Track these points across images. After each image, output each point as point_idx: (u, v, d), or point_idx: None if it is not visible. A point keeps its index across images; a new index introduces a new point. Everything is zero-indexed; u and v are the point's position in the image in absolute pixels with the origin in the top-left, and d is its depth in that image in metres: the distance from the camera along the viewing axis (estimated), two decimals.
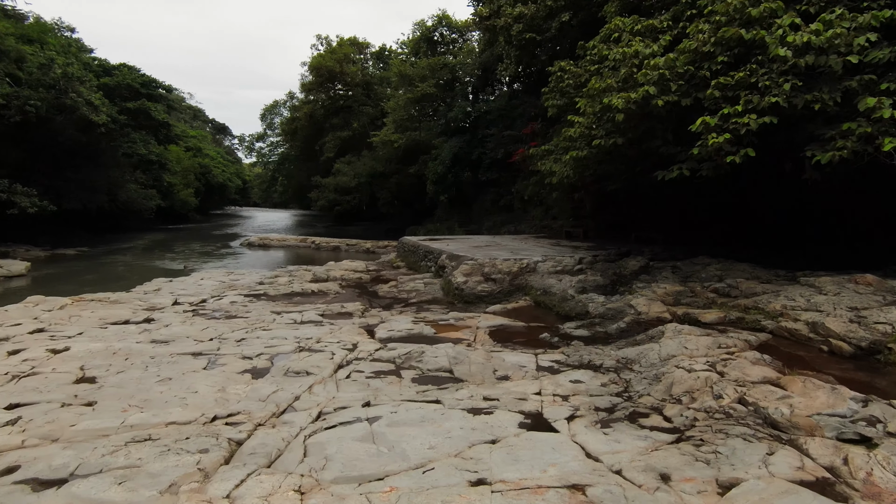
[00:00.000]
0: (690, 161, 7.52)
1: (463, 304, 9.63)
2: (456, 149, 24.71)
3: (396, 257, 17.30)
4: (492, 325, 7.45)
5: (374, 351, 5.68)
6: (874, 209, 8.93)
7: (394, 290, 11.36)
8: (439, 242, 15.01)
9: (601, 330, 6.88)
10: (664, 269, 9.25)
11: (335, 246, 23.54)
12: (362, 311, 8.86)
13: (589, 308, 7.71)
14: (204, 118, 67.63)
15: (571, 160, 9.88)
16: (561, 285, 9.15)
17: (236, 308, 8.87)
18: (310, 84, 35.58)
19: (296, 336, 6.33)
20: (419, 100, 26.43)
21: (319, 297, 10.58)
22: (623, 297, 8.04)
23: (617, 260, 11.02)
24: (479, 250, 12.63)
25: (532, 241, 16.41)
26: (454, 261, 11.43)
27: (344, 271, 14.12)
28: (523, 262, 10.56)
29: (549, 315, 8.33)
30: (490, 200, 24.88)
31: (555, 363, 5.40)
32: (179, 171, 37.67)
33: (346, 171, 31.44)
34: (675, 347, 4.92)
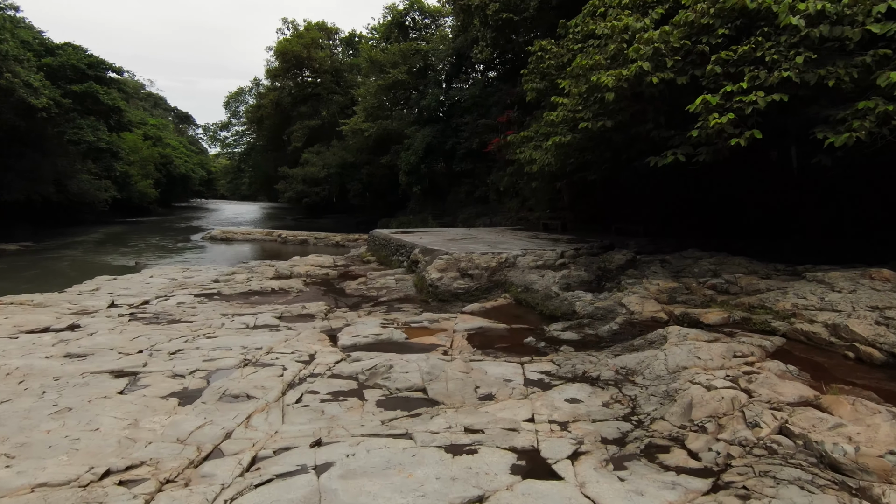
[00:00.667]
0: (685, 146, 6.88)
1: (438, 303, 8.84)
2: (429, 138, 23.82)
3: (367, 251, 16.36)
4: (470, 327, 6.68)
5: (335, 364, 4.83)
6: (875, 199, 8.49)
7: (362, 287, 10.49)
8: (412, 235, 14.16)
9: (591, 332, 6.19)
10: (652, 264, 8.65)
11: (303, 239, 22.43)
12: (326, 312, 7.98)
13: (576, 307, 7.02)
14: (166, 106, 64.54)
15: (553, 147, 9.15)
16: (543, 281, 8.45)
17: (182, 310, 7.86)
18: (275, 70, 33.92)
19: (244, 346, 5.42)
20: (391, 87, 25.37)
21: (280, 296, 9.63)
22: (612, 294, 7.38)
23: (600, 253, 10.39)
24: (454, 244, 11.85)
25: (509, 233, 15.72)
26: (428, 255, 10.62)
27: (309, 267, 13.14)
28: (502, 256, 9.83)
29: (532, 314, 7.61)
30: (465, 192, 24.10)
31: (545, 375, 4.66)
32: (137, 161, 35.62)
33: (315, 162, 30.11)
34: (685, 356, 4.23)
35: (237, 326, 6.77)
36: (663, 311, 6.37)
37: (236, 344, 5.53)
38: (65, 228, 28.49)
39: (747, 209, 11.63)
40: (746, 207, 11.64)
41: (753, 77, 5.68)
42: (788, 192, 10.81)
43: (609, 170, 12.21)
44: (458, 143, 23.16)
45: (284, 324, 7.04)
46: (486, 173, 22.73)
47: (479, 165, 23.03)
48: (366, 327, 6.70)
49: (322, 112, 32.24)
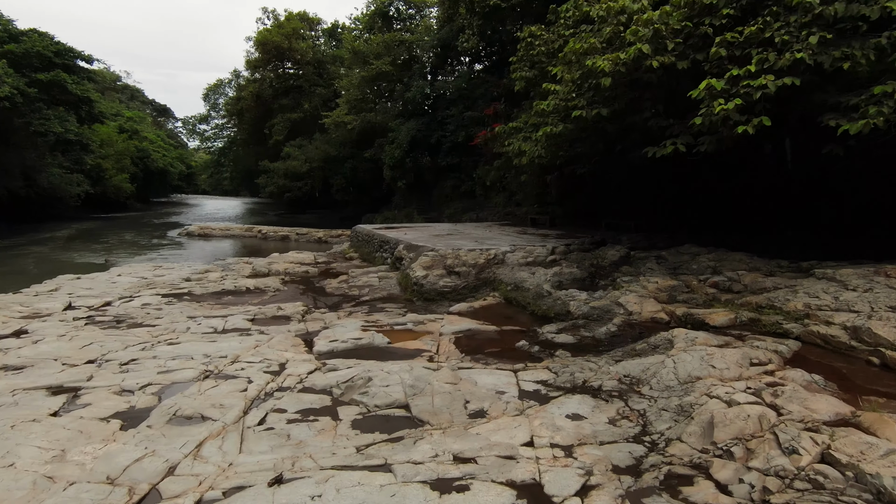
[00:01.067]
0: (685, 135, 6.47)
1: (423, 302, 8.36)
2: (414, 131, 23.25)
3: (350, 248, 15.79)
4: (457, 329, 6.21)
5: (307, 375, 4.32)
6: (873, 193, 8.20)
7: (344, 285, 9.95)
8: (396, 231, 13.64)
9: (588, 335, 5.76)
10: (648, 260, 8.26)
11: (284, 235, 21.74)
12: (303, 313, 7.44)
13: (570, 307, 6.59)
14: (143, 99, 62.65)
15: (544, 137, 8.71)
16: (534, 279, 8.01)
17: (146, 313, 7.26)
18: (256, 61, 32.92)
19: (207, 354, 4.88)
20: (374, 79, 24.70)
21: (255, 295, 9.05)
22: (607, 293, 6.97)
23: (592, 249, 10.00)
24: (440, 239, 11.36)
25: (497, 228, 15.28)
26: (412, 252, 10.12)
27: (288, 264, 12.55)
28: (490, 252, 9.37)
29: (523, 315, 7.17)
30: (450, 186, 23.59)
31: (541, 385, 4.21)
32: (112, 155, 34.38)
33: (297, 156, 29.29)
34: (697, 364, 3.81)
35: (204, 331, 6.21)
36: (663, 311, 5.97)
37: (199, 352, 4.98)
38: (36, 224, 27.32)
39: (741, 204, 11.34)
40: (740, 202, 11.34)
41: (762, 60, 5.28)
42: (783, 186, 10.54)
43: (600, 162, 11.82)
44: (443, 137, 22.64)
45: (256, 327, 6.50)
46: (473, 167, 22.25)
47: (465, 159, 22.54)
48: (345, 330, 6.19)
49: (304, 105, 31.40)
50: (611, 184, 15.27)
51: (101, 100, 43.41)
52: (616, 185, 15.05)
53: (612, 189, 15.48)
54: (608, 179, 15.07)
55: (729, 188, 11.39)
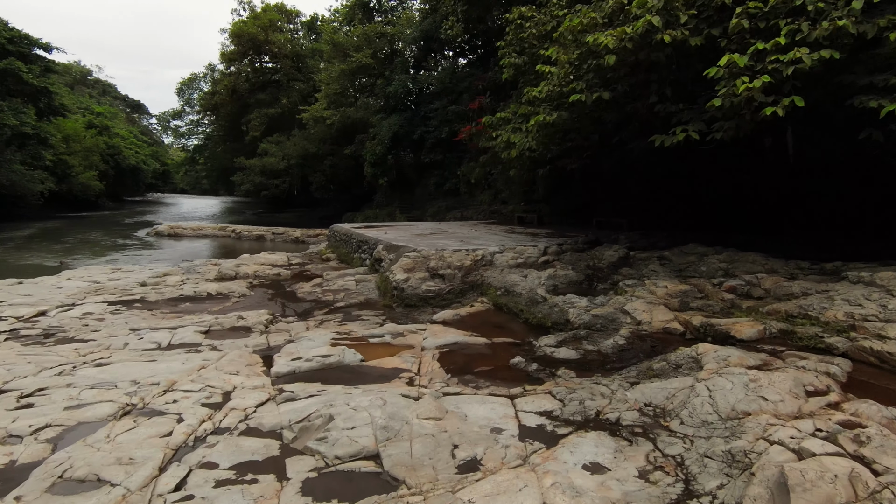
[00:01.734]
0: (697, 122, 5.76)
1: (404, 309, 7.54)
2: (396, 127, 22.38)
3: (327, 248, 14.88)
4: (442, 343, 5.40)
5: (255, 408, 3.47)
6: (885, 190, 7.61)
7: (317, 289, 9.07)
8: (376, 230, 12.78)
9: (592, 348, 5.00)
10: (650, 261, 7.55)
11: (259, 235, 20.70)
12: (267, 323, 6.56)
13: (569, 315, 5.83)
14: (115, 94, 60.35)
15: (536, 127, 7.95)
16: (527, 283, 7.24)
17: (83, 325, 6.31)
18: (231, 54, 31.59)
19: (136, 380, 3.99)
20: (354, 72, 23.75)
21: (216, 302, 8.13)
22: (609, 298, 6.23)
23: (587, 249, 9.28)
24: (422, 239, 10.55)
25: (482, 227, 14.52)
26: (392, 252, 9.29)
27: (259, 266, 11.60)
28: (477, 253, 8.59)
29: (516, 323, 6.39)
30: (434, 184, 22.77)
31: (546, 418, 3.43)
32: (79, 151, 32.75)
33: (275, 152, 28.11)
34: (741, 393, 3.06)
35: (145, 347, 5.30)
36: (676, 320, 5.24)
37: (129, 376, 4.09)
38: None
39: (740, 201, 10.73)
40: (739, 199, 10.74)
41: (793, 31, 4.57)
42: (783, 181, 9.96)
43: (592, 157, 11.13)
44: (426, 133, 21.81)
45: (209, 341, 5.61)
46: (457, 164, 21.46)
47: (449, 156, 21.75)
48: (312, 344, 5.34)
49: (282, 100, 30.22)
50: (602, 180, 14.62)
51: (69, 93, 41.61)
52: (607, 181, 14.41)
53: (602, 186, 14.82)
54: (599, 176, 14.42)
55: (727, 184, 10.80)
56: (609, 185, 14.33)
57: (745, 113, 4.91)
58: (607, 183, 14.32)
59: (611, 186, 14.38)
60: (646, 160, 11.40)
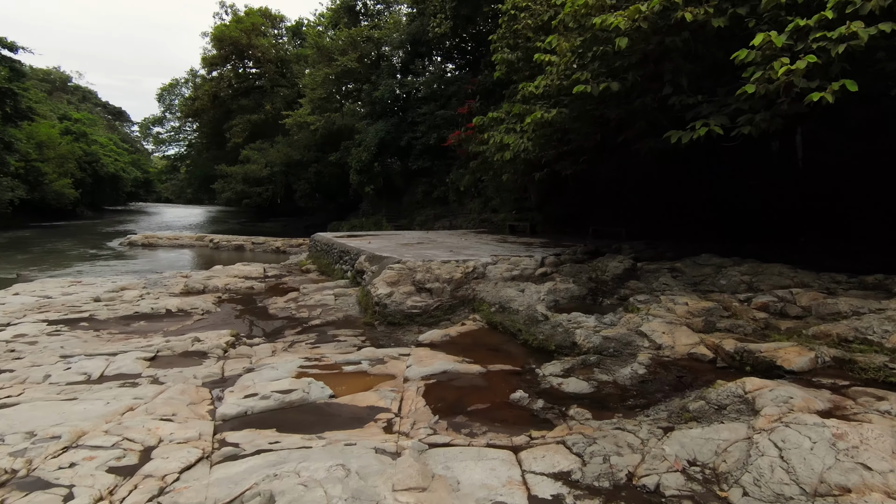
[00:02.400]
0: (718, 115, 5.05)
1: (386, 327, 6.71)
2: (383, 133, 21.63)
3: (307, 259, 13.99)
4: (429, 372, 4.57)
5: (178, 476, 2.62)
6: None
7: (291, 305, 8.21)
8: (360, 240, 11.95)
9: (607, 379, 4.21)
10: (659, 273, 6.81)
11: (238, 245, 19.73)
12: (228, 345, 5.69)
13: (576, 337, 5.04)
14: (96, 101, 58.85)
15: (532, 126, 7.22)
16: (524, 298, 6.46)
17: (8, 349, 5.38)
18: (213, 58, 30.64)
19: (34, 430, 3.11)
20: (340, 77, 23.00)
21: (176, 320, 7.22)
22: (620, 316, 5.46)
23: (587, 260, 8.52)
24: (408, 249, 9.74)
25: (473, 236, 13.75)
26: (375, 264, 8.46)
27: (231, 278, 10.69)
28: (468, 264, 7.80)
29: (513, 345, 5.59)
30: (422, 192, 22.01)
31: (562, 483, 2.62)
32: (53, 158, 31.48)
33: (257, 159, 27.15)
34: (827, 455, 2.28)
35: (71, 379, 4.40)
36: (703, 343, 4.47)
37: (27, 424, 3.21)
38: None
39: (747, 208, 10.09)
40: (745, 206, 10.10)
41: (841, 3, 3.87)
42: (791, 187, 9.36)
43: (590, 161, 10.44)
44: (414, 139, 21.09)
45: (153, 371, 4.72)
46: (446, 171, 20.74)
47: (437, 163, 21.02)
48: (274, 375, 4.49)
49: (266, 106, 29.32)
50: (598, 187, 13.95)
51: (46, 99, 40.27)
52: (603, 188, 13.74)
53: (598, 193, 14.16)
54: (595, 182, 13.76)
55: (732, 191, 10.16)
56: (605, 192, 13.68)
57: (783, 101, 4.20)
58: (603, 190, 13.67)
59: (607, 193, 13.73)
60: (645, 166, 10.74)
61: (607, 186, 13.46)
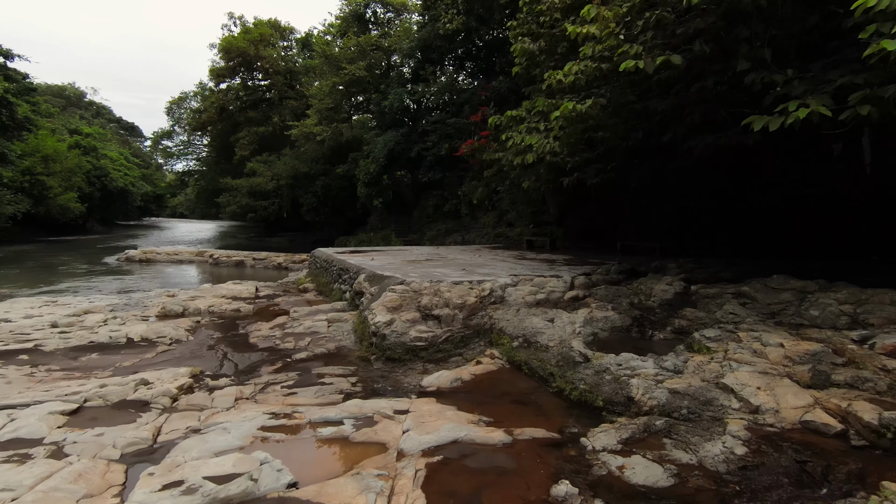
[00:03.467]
0: (818, 95, 3.79)
1: (384, 364, 5.48)
2: (392, 144, 20.61)
3: (306, 276, 12.84)
4: (434, 443, 3.31)
5: None
6: None
7: (277, 333, 7.01)
8: (362, 256, 10.77)
9: (689, 461, 2.91)
10: (723, 300, 5.48)
11: (239, 261, 18.69)
12: (181, 390, 4.50)
13: (632, 389, 3.74)
14: (109, 116, 59.13)
15: (561, 122, 6.00)
16: (555, 330, 5.18)
17: None
18: (220, 70, 30.05)
19: None
20: (348, 86, 22.10)
21: (136, 351, 6.06)
22: (684, 359, 4.15)
23: (624, 281, 7.21)
24: (415, 267, 8.52)
25: (487, 252, 12.51)
26: (376, 284, 7.25)
27: (218, 299, 9.55)
28: (484, 286, 6.55)
29: (544, 394, 4.30)
30: (433, 205, 20.87)
31: None
32: (59, 172, 30.98)
33: (263, 172, 26.27)
34: None
35: None
36: (821, 406, 3.16)
37: None
38: None
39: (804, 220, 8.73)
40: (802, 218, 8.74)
41: None
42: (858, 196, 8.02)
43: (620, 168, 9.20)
44: (424, 150, 20.02)
45: (63, 433, 3.53)
46: (458, 184, 19.60)
47: (449, 175, 19.91)
48: (222, 443, 3.27)
49: (273, 118, 28.56)
50: (624, 198, 12.66)
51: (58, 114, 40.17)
52: (631, 199, 12.45)
53: (625, 205, 12.86)
54: (621, 192, 12.49)
55: (784, 201, 8.81)
56: (633, 203, 12.38)
57: None
58: (631, 201, 12.37)
59: (635, 206, 12.43)
60: (684, 173, 9.47)
61: (636, 197, 12.17)
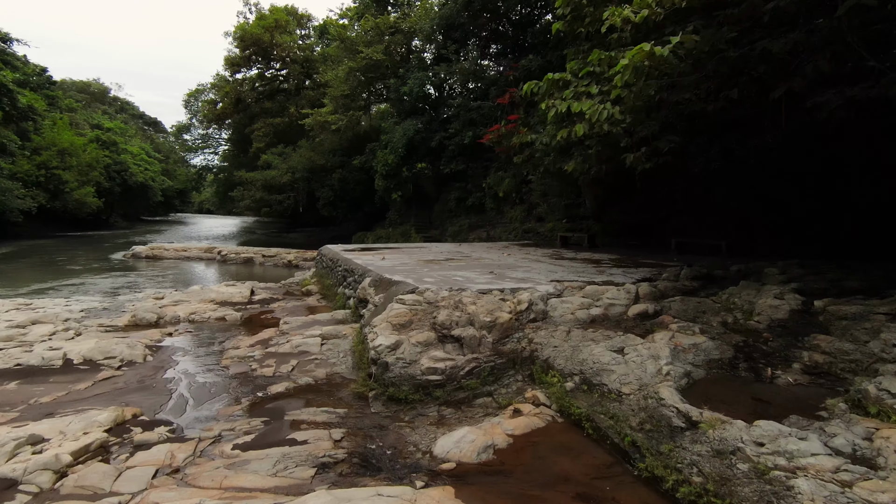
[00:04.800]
0: None
1: (385, 405, 3.97)
2: (412, 133, 19.05)
3: (312, 277, 11.41)
4: None
5: None
6: None
7: (257, 351, 5.57)
8: (372, 254, 9.25)
9: None
10: (874, 323, 3.76)
11: (247, 258, 17.46)
12: (85, 452, 3.09)
13: (799, 495, 2.10)
14: (133, 112, 59.17)
15: (628, 78, 4.34)
16: (629, 367, 3.56)
17: None
18: (235, 59, 28.92)
19: None
20: (365, 71, 20.61)
21: (66, 380, 4.68)
22: (864, 432, 2.49)
23: (702, 291, 5.50)
24: (433, 269, 6.94)
25: (517, 250, 10.86)
26: (383, 290, 5.72)
27: (203, 304, 8.19)
28: (520, 296, 4.96)
29: (628, 484, 2.70)
30: (455, 199, 19.25)
31: None
32: (75, 166, 30.39)
33: (278, 165, 25.06)
34: None
35: None
36: None
37: None
38: None
39: None
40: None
41: None
42: None
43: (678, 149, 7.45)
44: (446, 139, 18.41)
45: None
46: (482, 175, 17.95)
47: (472, 166, 18.26)
48: None
49: (290, 109, 27.29)
50: (678, 186, 10.87)
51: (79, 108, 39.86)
52: (687, 187, 10.65)
53: (678, 194, 11.06)
54: (675, 180, 10.71)
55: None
56: (689, 192, 10.57)
57: None
58: (687, 190, 10.57)
59: (691, 195, 10.62)
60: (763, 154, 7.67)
61: (692, 185, 10.37)
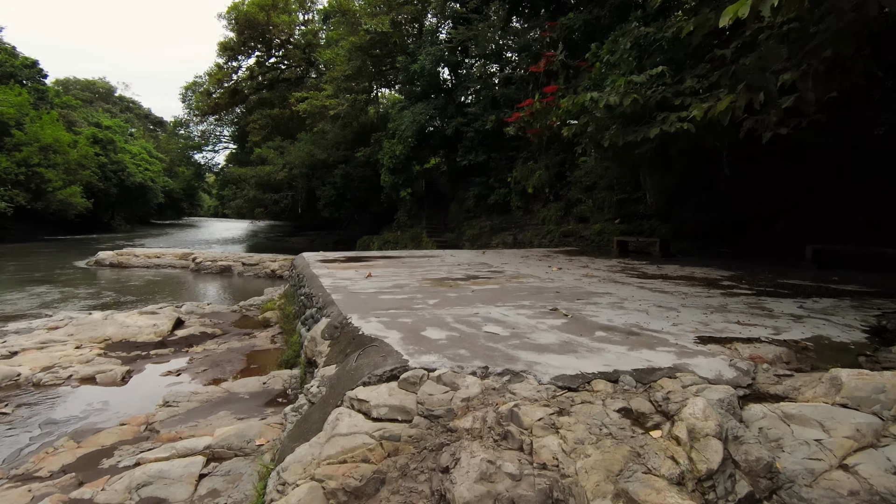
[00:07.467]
0: None
1: None
2: (423, 118, 15.98)
3: (281, 296, 8.34)
4: None
5: None
6: None
7: (56, 496, 2.43)
8: (357, 267, 6.16)
9: None
10: None
11: (224, 266, 14.52)
12: None
13: None
14: (138, 111, 57.29)
15: None
16: None
17: None
18: (230, 43, 26.15)
19: None
20: (369, 47, 17.63)
21: None
22: None
23: None
24: (444, 298, 3.69)
25: (565, 261, 7.61)
26: (339, 353, 2.57)
27: (82, 349, 5.16)
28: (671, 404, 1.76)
29: None
30: (474, 196, 16.02)
31: None
32: (61, 164, 27.97)
33: (274, 160, 22.19)
34: None
35: None
36: None
37: None
38: None
39: None
40: None
41: None
42: None
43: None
44: (464, 125, 15.29)
45: None
46: (507, 168, 14.75)
47: (495, 156, 15.04)
48: None
49: (290, 99, 24.50)
50: (788, 175, 7.60)
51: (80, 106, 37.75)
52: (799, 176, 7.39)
53: (788, 184, 7.77)
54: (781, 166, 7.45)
55: None
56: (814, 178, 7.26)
57: None
58: (811, 174, 7.27)
59: (818, 181, 7.30)
60: None
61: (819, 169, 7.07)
